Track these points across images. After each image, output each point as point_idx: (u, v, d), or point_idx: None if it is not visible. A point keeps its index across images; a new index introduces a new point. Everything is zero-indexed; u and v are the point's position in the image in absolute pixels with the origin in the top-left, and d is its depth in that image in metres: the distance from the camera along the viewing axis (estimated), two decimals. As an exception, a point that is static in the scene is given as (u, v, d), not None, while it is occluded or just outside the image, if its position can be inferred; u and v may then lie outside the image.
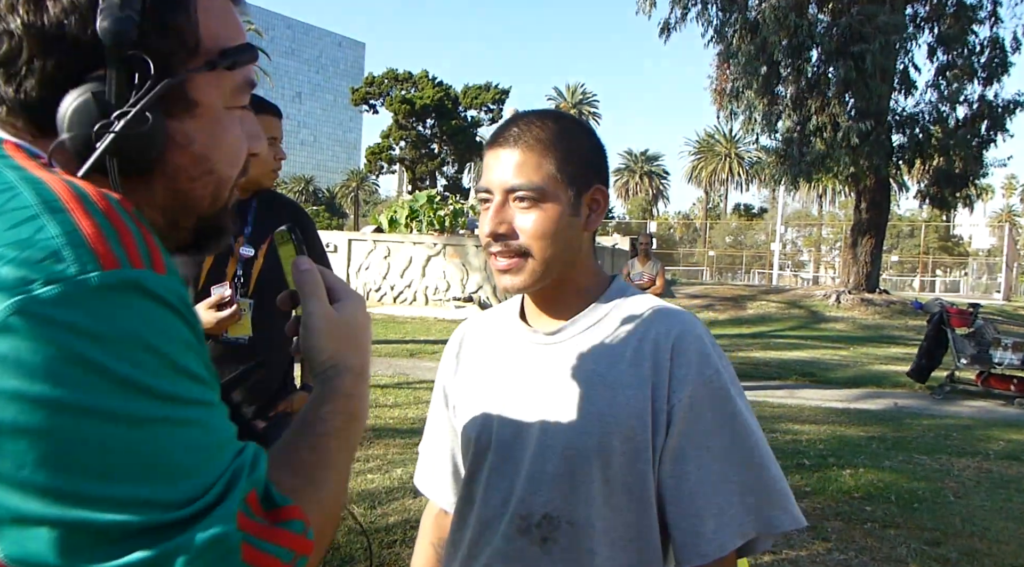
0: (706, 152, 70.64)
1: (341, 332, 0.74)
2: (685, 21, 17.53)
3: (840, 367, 10.30)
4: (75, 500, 0.47)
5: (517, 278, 1.05)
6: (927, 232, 47.14)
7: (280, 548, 0.55)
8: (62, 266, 0.48)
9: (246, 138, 0.68)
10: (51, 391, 0.47)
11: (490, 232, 1.04)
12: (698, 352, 1.04)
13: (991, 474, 5.07)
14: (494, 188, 1.04)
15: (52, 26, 0.56)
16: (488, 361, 1.16)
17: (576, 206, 1.05)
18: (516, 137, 1.04)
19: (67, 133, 0.57)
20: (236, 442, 0.57)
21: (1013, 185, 74.96)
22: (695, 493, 1.01)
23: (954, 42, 16.52)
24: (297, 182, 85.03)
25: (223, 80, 0.63)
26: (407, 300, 16.33)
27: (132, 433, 0.49)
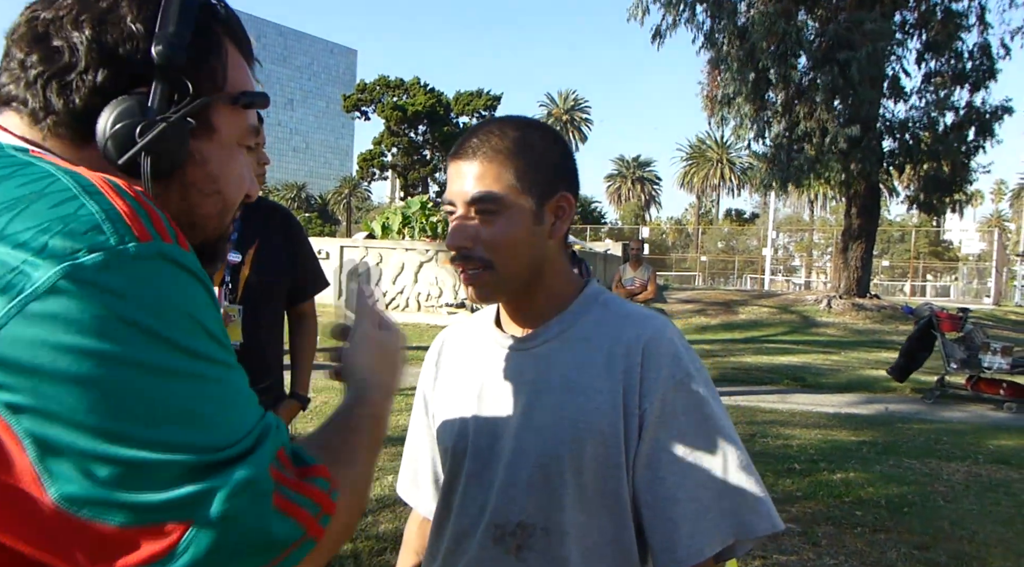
0: (698, 158, 70.88)
1: (380, 354, 0.87)
2: (676, 27, 17.60)
3: (831, 372, 10.34)
4: (124, 440, 0.52)
5: (481, 289, 1.05)
6: (917, 237, 47.40)
7: (307, 500, 0.60)
8: (103, 237, 0.54)
9: (248, 179, 0.78)
10: (98, 345, 0.52)
11: (452, 245, 1.04)
12: (669, 355, 1.04)
13: (980, 478, 5.09)
14: (456, 200, 1.04)
15: (110, 44, 0.65)
16: (464, 368, 1.16)
17: (539, 215, 1.04)
18: (475, 148, 1.04)
19: (108, 127, 0.65)
20: (259, 405, 0.63)
21: (1002, 191, 75.48)
22: (669, 498, 1.00)
23: (942, 48, 16.62)
24: (289, 189, 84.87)
25: (238, 117, 0.74)
26: (399, 306, 16.31)
27: (171, 383, 0.55)
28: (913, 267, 41.97)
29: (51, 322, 0.51)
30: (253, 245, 2.24)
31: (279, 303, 2.35)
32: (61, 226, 0.54)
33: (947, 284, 42.40)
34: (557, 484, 1.02)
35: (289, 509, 0.58)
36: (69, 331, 0.51)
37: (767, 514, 1.03)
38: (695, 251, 53.20)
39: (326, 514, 0.62)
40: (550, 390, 1.05)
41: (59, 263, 0.52)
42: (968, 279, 40.38)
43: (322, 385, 7.77)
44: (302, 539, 0.59)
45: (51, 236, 0.53)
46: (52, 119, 0.65)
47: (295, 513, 0.59)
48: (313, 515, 0.60)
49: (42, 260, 0.52)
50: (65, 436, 0.51)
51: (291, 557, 0.59)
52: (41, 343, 0.51)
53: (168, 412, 0.54)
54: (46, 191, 0.57)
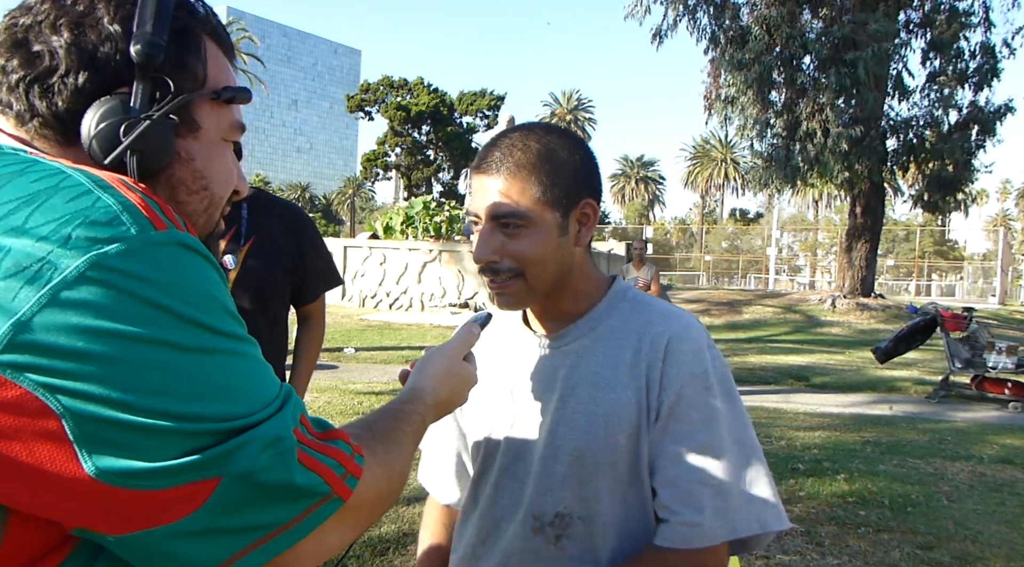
0: (702, 157, 70.83)
1: (451, 374, 0.94)
2: (677, 28, 17.58)
3: (835, 372, 10.32)
4: (159, 415, 0.55)
5: (511, 299, 1.08)
6: (922, 236, 47.32)
7: (330, 460, 0.64)
8: (124, 228, 0.57)
9: (235, 174, 0.79)
10: (128, 327, 0.55)
11: (480, 259, 1.06)
12: (691, 352, 1.06)
13: (985, 478, 5.08)
14: (481, 214, 1.06)
15: (89, 47, 0.66)
16: (495, 366, 1.18)
17: (564, 226, 1.06)
18: (499, 162, 1.04)
19: (95, 129, 0.66)
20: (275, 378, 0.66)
21: (1008, 189, 75.24)
22: (681, 486, 1.03)
23: (946, 48, 16.58)
24: (293, 189, 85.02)
25: (221, 113, 0.75)
26: (403, 307, 16.32)
27: (198, 359, 0.58)
28: (918, 266, 41.88)
29: (83, 308, 0.54)
30: (249, 241, 2.21)
31: (278, 301, 2.27)
32: (82, 219, 0.56)
33: (952, 283, 42.30)
34: (593, 476, 1.05)
35: (313, 465, 0.62)
36: (101, 316, 0.54)
37: (779, 511, 1.05)
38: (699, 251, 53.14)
39: (352, 475, 0.65)
40: (582, 386, 1.08)
41: (85, 252, 0.55)
42: (973, 278, 40.29)
43: (324, 385, 7.78)
44: (329, 496, 0.63)
45: (73, 228, 0.55)
46: (37, 121, 0.67)
47: (320, 470, 0.62)
48: (338, 475, 0.64)
49: (68, 251, 0.55)
50: (104, 412, 0.54)
51: (319, 512, 0.62)
52: (75, 328, 0.53)
53: (199, 386, 0.57)
54: (61, 186, 0.58)
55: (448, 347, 0.95)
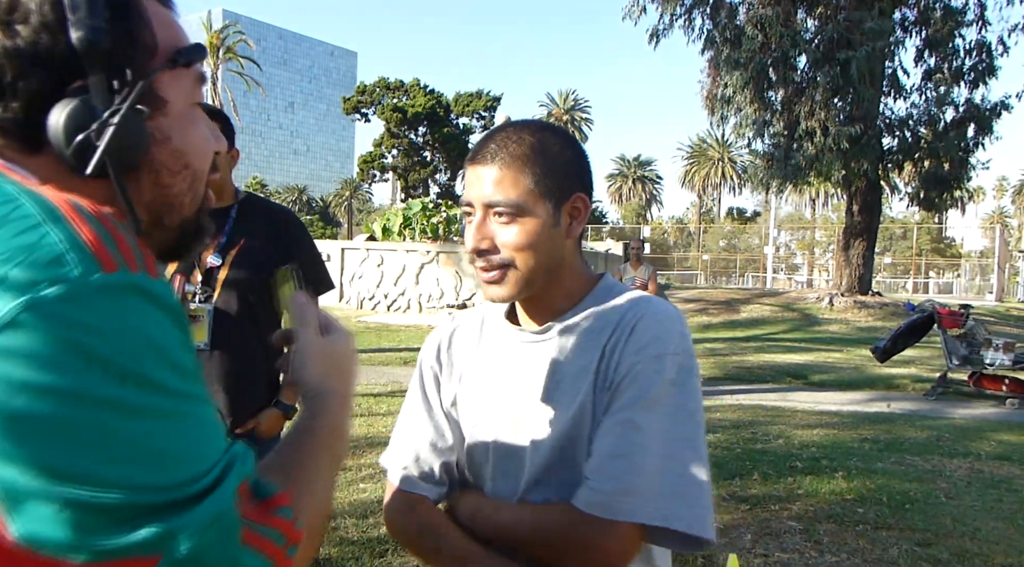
0: (699, 156, 70.91)
1: (329, 360, 0.84)
2: (673, 28, 17.61)
3: (833, 370, 10.33)
4: (82, 481, 0.51)
5: (502, 289, 1.09)
6: (919, 234, 47.38)
7: (274, 531, 0.60)
8: (66, 269, 0.52)
9: (211, 136, 0.74)
10: (58, 381, 0.50)
11: (473, 248, 1.09)
12: (655, 334, 1.06)
13: (982, 474, 5.09)
14: (475, 203, 1.09)
15: (27, 45, 0.61)
16: (481, 363, 1.18)
17: (556, 217, 1.08)
18: (494, 154, 1.07)
19: (64, 138, 0.62)
20: (224, 437, 0.61)
21: (1004, 187, 75.36)
22: (601, 456, 1.02)
23: (941, 45, 16.62)
24: (290, 192, 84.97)
25: (182, 78, 0.70)
26: (401, 308, 16.32)
27: (133, 421, 0.53)
28: (915, 264, 41.93)
29: (9, 357, 0.49)
30: (237, 246, 2.21)
31: (264, 305, 2.26)
32: (23, 256, 0.52)
33: (950, 281, 42.34)
34: (576, 462, 1.06)
35: (257, 542, 0.58)
36: (28, 366, 0.50)
37: (698, 514, 1.02)
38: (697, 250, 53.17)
39: (293, 544, 0.62)
40: (565, 379, 1.09)
41: (20, 295, 0.50)
42: (970, 276, 40.34)
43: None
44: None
45: (12, 267, 0.51)
46: (1, 133, 0.63)
47: (263, 546, 0.59)
48: (280, 546, 0.60)
49: (2, 292, 0.50)
50: (22, 477, 0.49)
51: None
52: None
53: (129, 450, 0.52)
54: (9, 217, 0.54)
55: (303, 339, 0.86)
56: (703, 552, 3.26)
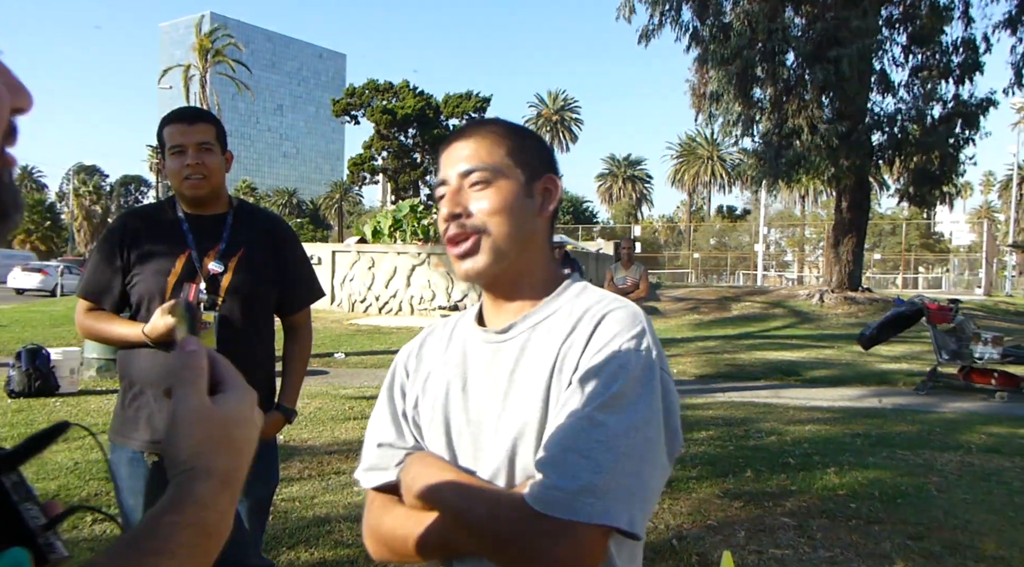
0: (688, 155, 71.03)
1: (212, 428, 0.63)
2: (663, 27, 17.65)
3: (824, 366, 10.39)
4: None
5: (475, 260, 1.07)
6: (908, 230, 47.61)
7: None
8: None
9: (7, 90, 0.53)
10: None
11: (447, 213, 1.08)
12: (619, 330, 1.03)
13: (973, 467, 5.13)
14: (449, 176, 1.10)
15: None
16: (448, 364, 1.18)
17: (529, 189, 1.10)
18: (469, 130, 1.13)
19: None
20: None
21: (991, 182, 75.87)
22: (558, 451, 0.97)
23: (927, 42, 16.73)
24: (280, 194, 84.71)
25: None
26: (392, 310, 16.30)
27: None
28: (905, 260, 42.15)
29: None
30: (238, 253, 2.24)
31: (266, 312, 2.33)
32: None
33: (939, 276, 42.61)
34: (528, 466, 1.03)
35: None
36: None
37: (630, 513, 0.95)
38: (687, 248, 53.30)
39: None
40: (525, 377, 1.08)
41: None
42: (959, 270, 40.59)
43: (315, 391, 7.76)
44: None
45: None
46: None
47: None
48: None
49: None
50: None
51: None
52: None
53: None
54: None
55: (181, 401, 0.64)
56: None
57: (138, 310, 2.20)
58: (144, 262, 2.19)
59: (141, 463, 2.17)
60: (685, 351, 11.74)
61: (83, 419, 6.31)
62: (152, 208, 2.37)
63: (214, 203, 2.24)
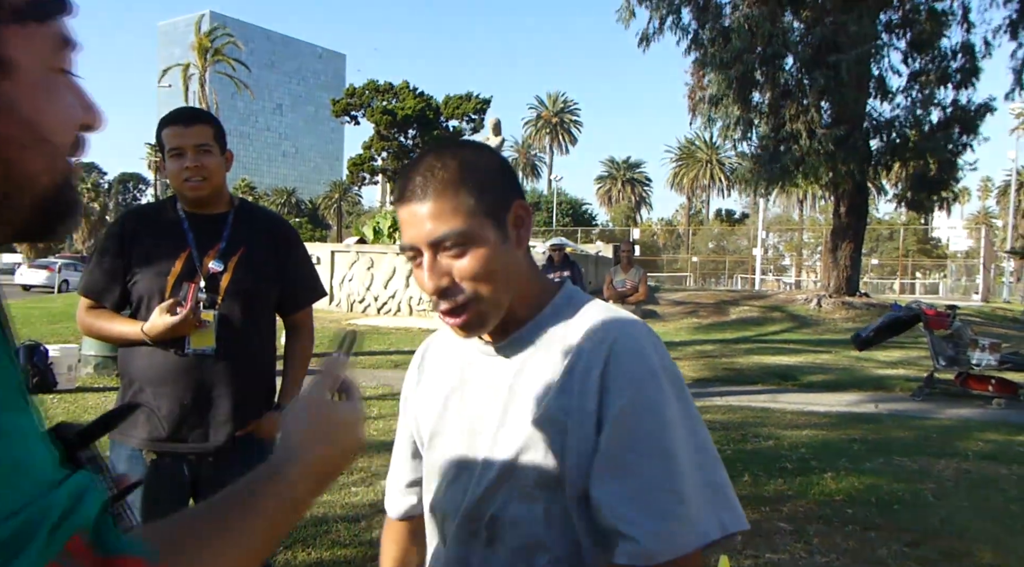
0: (688, 159, 71.10)
1: (321, 421, 0.75)
2: (663, 31, 17.67)
3: (821, 371, 10.39)
4: None
5: (474, 324, 1.05)
6: (906, 235, 47.67)
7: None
8: None
9: (80, 109, 0.62)
10: None
11: (434, 290, 1.03)
12: (634, 355, 1.02)
13: (970, 474, 5.13)
14: (419, 245, 1.03)
15: None
16: (446, 374, 1.19)
17: (503, 232, 1.05)
18: (423, 187, 1.02)
19: None
20: (45, 476, 0.51)
21: (989, 188, 76.01)
22: (629, 501, 0.98)
23: (926, 47, 16.76)
24: (279, 194, 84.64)
25: (38, 36, 0.59)
26: (391, 311, 16.29)
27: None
28: (902, 265, 42.20)
29: None
30: (238, 252, 2.24)
31: (267, 311, 2.34)
32: None
33: (936, 281, 42.67)
34: (527, 479, 1.04)
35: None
36: None
37: (729, 516, 1.00)
38: (686, 252, 53.32)
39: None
40: (524, 394, 1.07)
41: None
42: (956, 276, 40.66)
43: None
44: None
45: None
46: None
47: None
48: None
49: None
50: None
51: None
52: None
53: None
54: None
55: (310, 391, 0.79)
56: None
57: (138, 308, 2.21)
58: (144, 261, 2.20)
59: (140, 460, 2.17)
60: (683, 354, 11.74)
61: (80, 416, 6.29)
62: (153, 207, 2.38)
63: (215, 202, 2.25)
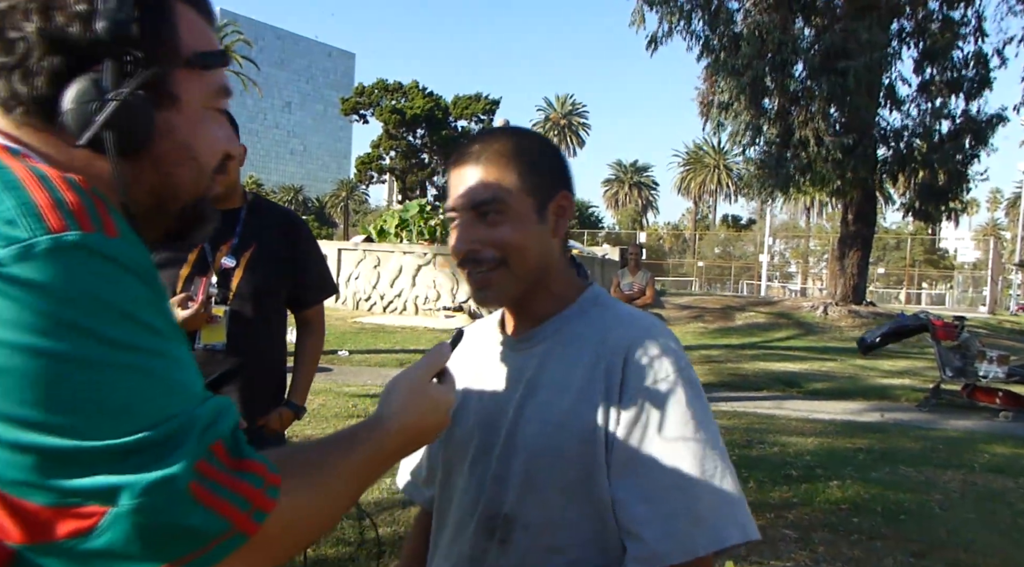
0: (695, 163, 71.07)
1: (417, 397, 0.87)
2: (672, 35, 17.65)
3: (827, 379, 10.35)
4: (32, 427, 0.54)
5: (494, 292, 1.07)
6: (913, 245, 47.51)
7: (236, 495, 0.60)
8: (17, 232, 0.56)
9: (225, 140, 0.79)
10: (12, 336, 0.54)
11: (461, 251, 1.06)
12: (654, 356, 1.04)
13: (976, 487, 5.10)
14: (460, 206, 1.07)
15: (58, 30, 0.66)
16: (469, 367, 1.19)
17: (542, 214, 1.07)
18: (477, 153, 1.07)
19: (68, 109, 0.66)
20: (196, 393, 0.62)
21: (998, 199, 75.75)
22: (642, 500, 0.99)
23: (939, 57, 16.69)
24: (286, 192, 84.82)
25: (200, 80, 0.74)
26: (397, 309, 16.30)
27: (81, 372, 0.55)
28: (909, 275, 42.05)
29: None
30: (250, 248, 2.24)
31: (278, 307, 2.34)
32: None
33: (942, 292, 42.55)
34: (542, 480, 1.04)
35: (213, 502, 0.59)
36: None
37: (741, 523, 1.01)
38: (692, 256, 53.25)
39: (260, 510, 0.62)
40: (542, 389, 1.07)
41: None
42: (963, 287, 40.55)
43: (319, 387, 7.75)
44: (230, 532, 0.60)
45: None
46: (21, 109, 0.67)
47: (220, 506, 0.59)
48: (244, 510, 0.60)
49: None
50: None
51: (218, 549, 0.60)
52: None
53: (78, 400, 0.55)
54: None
55: (414, 368, 0.90)
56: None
57: None
58: (156, 256, 2.20)
59: None
60: (688, 359, 11.72)
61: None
62: None
63: (228, 198, 2.25)
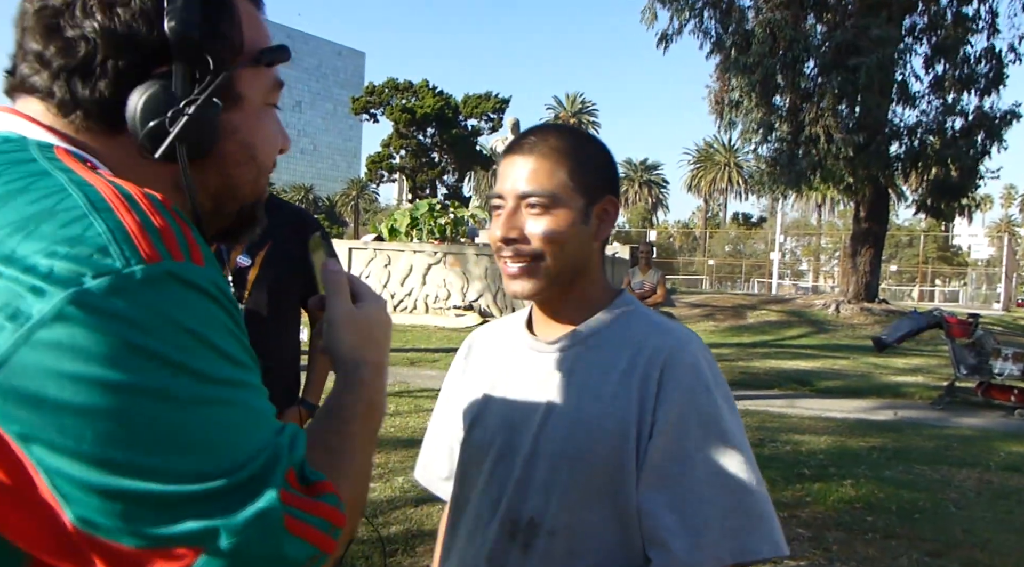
0: (705, 161, 70.81)
1: (361, 329, 0.81)
2: (683, 32, 17.60)
3: (840, 377, 10.30)
4: (126, 470, 0.52)
5: (528, 283, 1.07)
6: (926, 242, 47.20)
7: (320, 519, 0.60)
8: (110, 260, 0.53)
9: (280, 136, 0.77)
10: (101, 373, 0.51)
11: (502, 236, 1.06)
12: (689, 366, 1.04)
13: (992, 485, 5.07)
14: (507, 194, 1.07)
15: (123, 28, 0.63)
16: (494, 368, 1.18)
17: (586, 215, 1.08)
18: (532, 145, 1.08)
19: (139, 122, 0.64)
20: (275, 422, 0.61)
21: (1012, 195, 75.13)
22: (671, 510, 0.99)
23: (951, 53, 16.56)
24: (297, 191, 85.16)
25: (262, 77, 0.73)
26: (407, 308, 16.33)
27: (173, 411, 0.53)
28: (921, 272, 41.79)
29: (56, 350, 0.50)
30: (265, 246, 2.25)
31: (293, 306, 2.35)
32: (67, 249, 0.53)
33: (956, 289, 42.25)
34: (568, 485, 1.03)
35: (302, 531, 0.58)
36: (74, 359, 0.51)
37: (771, 537, 1.01)
38: (702, 255, 53.08)
39: (338, 528, 0.62)
40: (571, 393, 1.07)
41: (65, 289, 0.51)
42: (977, 284, 40.24)
43: (329, 386, 7.77)
44: (317, 556, 0.59)
45: (58, 260, 0.52)
46: (81, 112, 0.65)
47: (308, 534, 0.58)
48: (326, 532, 0.60)
49: (49, 285, 0.51)
50: (69, 467, 0.51)
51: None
52: (46, 372, 0.50)
53: (170, 440, 0.53)
54: (56, 209, 0.55)
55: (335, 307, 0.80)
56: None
57: None
58: None
59: None
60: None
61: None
62: None
63: None
